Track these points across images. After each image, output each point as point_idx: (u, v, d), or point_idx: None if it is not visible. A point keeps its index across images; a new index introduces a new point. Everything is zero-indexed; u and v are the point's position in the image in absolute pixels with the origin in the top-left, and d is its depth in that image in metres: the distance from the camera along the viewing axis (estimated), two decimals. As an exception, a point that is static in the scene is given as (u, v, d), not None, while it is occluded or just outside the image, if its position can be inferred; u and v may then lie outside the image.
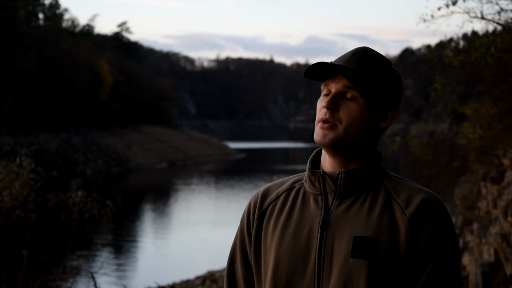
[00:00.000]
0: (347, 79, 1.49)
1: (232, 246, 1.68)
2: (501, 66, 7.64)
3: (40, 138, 41.81)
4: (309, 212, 1.55)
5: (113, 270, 13.79)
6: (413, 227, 1.47)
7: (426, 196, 1.51)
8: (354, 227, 1.49)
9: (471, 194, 12.01)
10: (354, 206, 1.52)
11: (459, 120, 13.14)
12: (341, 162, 1.55)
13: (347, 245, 1.48)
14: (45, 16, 56.96)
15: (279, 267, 1.54)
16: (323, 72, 1.53)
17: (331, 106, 1.51)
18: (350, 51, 1.54)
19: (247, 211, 1.65)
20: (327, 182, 1.55)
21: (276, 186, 1.65)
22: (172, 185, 34.60)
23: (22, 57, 43.18)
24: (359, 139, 1.53)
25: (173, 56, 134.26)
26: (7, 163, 6.04)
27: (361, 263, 1.46)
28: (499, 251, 7.26)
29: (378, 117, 1.54)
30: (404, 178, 1.58)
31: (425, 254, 1.47)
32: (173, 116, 67.23)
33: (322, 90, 1.56)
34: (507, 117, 8.49)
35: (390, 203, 1.51)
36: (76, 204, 6.32)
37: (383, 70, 1.54)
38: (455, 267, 1.49)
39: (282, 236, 1.56)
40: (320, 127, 1.53)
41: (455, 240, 1.50)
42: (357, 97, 1.52)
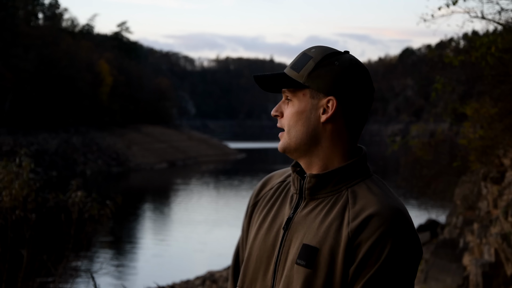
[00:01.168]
0: (276, 82, 1.50)
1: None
2: (501, 66, 7.63)
3: (39, 138, 41.81)
4: (283, 210, 1.54)
5: (112, 270, 13.78)
6: (352, 242, 1.40)
7: (377, 210, 1.40)
8: (307, 233, 1.46)
9: (472, 194, 12.00)
10: (315, 211, 1.48)
11: (459, 120, 13.13)
12: (305, 164, 1.52)
13: (296, 251, 1.46)
14: (45, 15, 56.96)
15: (249, 260, 1.55)
16: (265, 82, 1.53)
17: (275, 113, 1.53)
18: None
19: (249, 198, 1.67)
20: (301, 183, 1.53)
21: (277, 176, 1.65)
22: (172, 185, 34.59)
23: (21, 57, 43.17)
24: (303, 139, 1.48)
25: (173, 56, 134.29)
26: (7, 163, 6.02)
27: (301, 271, 1.43)
28: (499, 251, 7.25)
29: (317, 111, 1.47)
30: (379, 186, 1.48)
31: (358, 273, 1.39)
32: (173, 116, 67.26)
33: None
34: (507, 117, 8.48)
35: (343, 213, 1.44)
36: (75, 204, 6.31)
37: (315, 63, 1.47)
38: (396, 285, 1.38)
39: (258, 229, 1.56)
40: (279, 136, 1.54)
41: (401, 260, 1.39)
42: (290, 97, 1.50)
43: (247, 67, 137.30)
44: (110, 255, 15.78)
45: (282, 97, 1.56)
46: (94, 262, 14.23)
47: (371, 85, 1.51)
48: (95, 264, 13.85)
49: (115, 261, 15.00)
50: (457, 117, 13.20)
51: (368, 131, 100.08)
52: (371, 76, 1.51)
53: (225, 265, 13.75)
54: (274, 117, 1.53)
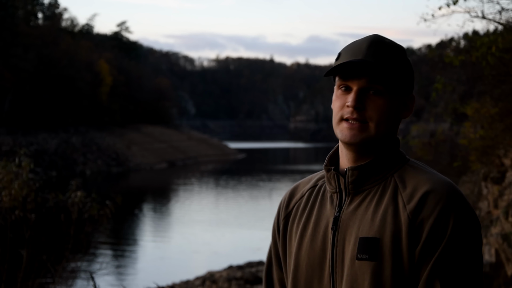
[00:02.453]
0: (372, 75, 1.45)
1: (269, 246, 1.66)
2: (502, 65, 7.62)
3: (39, 138, 41.79)
4: (326, 212, 1.51)
5: (112, 270, 13.76)
6: (414, 223, 1.38)
7: (430, 187, 1.40)
8: (361, 227, 1.43)
9: (472, 194, 11.99)
10: (364, 204, 1.46)
11: (460, 120, 13.13)
12: (356, 157, 1.48)
13: (354, 247, 1.43)
14: (44, 15, 56.94)
15: (298, 270, 1.51)
16: (343, 68, 1.47)
17: (358, 105, 1.45)
18: (364, 42, 1.49)
19: (277, 211, 1.63)
20: (340, 180, 1.50)
21: (303, 184, 1.62)
22: (172, 185, 34.58)
23: (21, 57, 43.16)
24: (387, 133, 1.48)
25: (173, 56, 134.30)
26: (6, 163, 6.02)
27: (365, 265, 1.40)
28: (500, 252, 7.24)
29: (401, 107, 1.50)
30: (422, 167, 1.49)
31: (426, 251, 1.37)
32: (172, 116, 67.25)
33: (338, 85, 1.49)
34: (508, 117, 8.48)
35: (395, 198, 1.43)
36: (75, 204, 6.30)
37: (400, 60, 1.49)
38: (465, 261, 1.37)
39: (301, 239, 1.52)
40: (348, 127, 1.45)
41: (466, 232, 1.38)
42: (382, 91, 1.46)
43: (247, 67, 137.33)
44: (110, 256, 15.77)
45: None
46: (93, 263, 14.21)
47: None
48: (95, 265, 13.83)
49: (115, 262, 14.99)
50: (458, 117, 13.20)
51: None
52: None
53: (225, 265, 13.73)
54: (355, 108, 1.44)
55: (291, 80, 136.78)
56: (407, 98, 1.51)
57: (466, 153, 12.62)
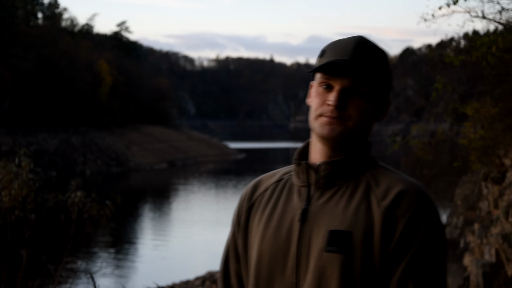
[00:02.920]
0: (356, 77, 1.47)
1: (227, 239, 1.66)
2: (502, 65, 7.62)
3: (39, 138, 41.78)
4: (292, 205, 1.52)
5: (112, 270, 13.75)
6: (388, 220, 1.41)
7: (405, 187, 1.44)
8: (331, 220, 1.45)
9: (472, 194, 11.98)
10: (334, 199, 1.48)
11: (460, 120, 13.12)
12: (333, 152, 1.51)
13: (323, 239, 1.44)
14: (44, 15, 56.94)
15: (261, 261, 1.51)
16: (328, 67, 1.48)
17: (341, 105, 1.47)
18: (350, 42, 1.49)
19: (239, 203, 1.64)
20: (310, 174, 1.51)
21: (267, 178, 1.63)
22: (172, 185, 34.58)
23: (21, 57, 43.15)
24: (363, 134, 1.51)
25: (173, 56, 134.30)
26: (6, 163, 6.01)
27: (334, 258, 1.42)
28: (500, 252, 7.24)
29: (378, 110, 1.53)
30: (392, 169, 1.53)
31: (399, 249, 1.40)
32: (172, 116, 67.25)
33: (320, 82, 1.50)
34: (508, 117, 8.48)
35: (368, 195, 1.45)
36: (75, 204, 6.30)
37: (383, 63, 1.51)
38: (436, 263, 1.42)
39: (265, 230, 1.53)
40: (327, 121, 1.48)
41: (437, 235, 1.42)
42: (364, 93, 1.48)
43: (247, 67, 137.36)
44: (110, 256, 15.76)
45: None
46: (93, 263, 14.21)
47: None
48: (95, 265, 13.83)
49: (115, 262, 14.98)
50: (458, 117, 13.19)
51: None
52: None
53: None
54: (337, 107, 1.46)
55: (291, 80, 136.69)
56: (384, 102, 1.54)
57: (466, 153, 12.62)
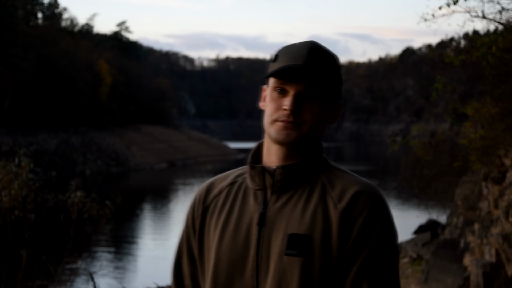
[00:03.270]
0: (310, 81, 1.48)
1: (179, 241, 1.66)
2: (502, 65, 7.63)
3: (39, 138, 41.78)
4: (249, 209, 1.53)
5: (112, 270, 13.75)
6: (344, 221, 1.45)
7: (360, 188, 1.48)
8: (289, 224, 1.47)
9: (472, 194, 11.97)
10: (291, 202, 1.49)
11: (460, 120, 13.13)
12: (288, 156, 1.52)
13: (282, 243, 1.46)
14: (44, 15, 56.94)
15: (219, 265, 1.52)
16: (283, 72, 1.49)
17: (297, 110, 1.48)
18: (303, 47, 1.51)
19: (191, 205, 1.64)
20: (266, 177, 1.52)
21: (220, 180, 1.63)
22: (172, 185, 34.57)
23: (20, 57, 43.15)
24: (316, 137, 1.54)
25: (173, 56, 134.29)
26: (6, 163, 6.01)
27: (294, 261, 1.44)
28: (500, 252, 7.24)
29: (330, 114, 1.56)
30: (345, 170, 1.56)
31: (355, 249, 1.44)
32: (172, 116, 67.24)
33: (274, 87, 1.52)
34: (508, 117, 8.48)
35: (324, 197, 1.49)
36: (75, 204, 6.29)
37: (334, 68, 1.54)
38: (389, 262, 1.46)
39: (223, 233, 1.53)
40: (283, 126, 1.49)
41: (390, 234, 1.47)
42: (318, 97, 1.50)
43: (247, 67, 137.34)
44: (110, 256, 15.76)
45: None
46: (93, 263, 14.20)
47: None
48: (95, 265, 13.83)
49: (115, 262, 14.98)
50: (458, 117, 13.19)
51: (369, 131, 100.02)
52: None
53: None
54: (292, 112, 1.48)
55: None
56: (336, 105, 1.56)
57: (466, 153, 12.62)
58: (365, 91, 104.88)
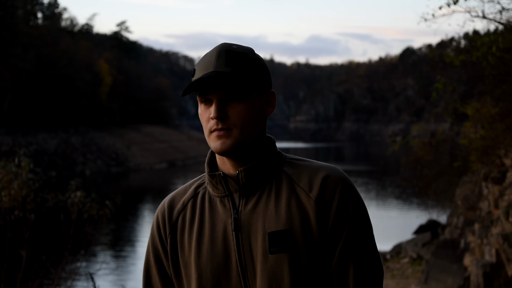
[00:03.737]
0: (226, 85, 1.48)
1: (146, 263, 1.63)
2: (502, 65, 7.62)
3: (38, 138, 41.78)
4: (219, 217, 1.53)
5: (112, 270, 13.75)
6: (320, 208, 1.47)
7: (326, 173, 1.51)
8: (266, 223, 1.48)
9: (473, 194, 11.97)
10: (261, 202, 1.51)
11: (460, 120, 13.13)
12: (241, 160, 1.53)
13: (263, 243, 1.47)
14: (44, 15, 56.95)
15: (202, 278, 1.52)
16: (200, 85, 1.50)
17: (221, 115, 1.49)
18: (213, 54, 1.52)
19: (156, 225, 1.61)
20: (229, 183, 1.53)
21: (180, 195, 1.62)
22: (172, 185, 34.57)
23: (20, 57, 43.15)
24: (255, 134, 1.53)
25: (173, 56, 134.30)
26: (6, 163, 6.00)
27: (281, 257, 1.46)
28: (500, 252, 7.23)
29: (262, 106, 1.55)
30: (303, 159, 1.58)
31: (335, 230, 1.47)
32: (172, 116, 67.28)
33: (200, 100, 1.53)
34: (508, 117, 8.47)
35: (294, 190, 1.50)
36: (75, 204, 6.30)
37: (250, 62, 1.53)
38: (368, 236, 1.50)
39: (199, 246, 1.53)
40: (216, 136, 1.51)
41: (363, 211, 1.51)
42: (241, 97, 1.50)
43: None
44: (110, 256, 15.76)
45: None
46: (93, 263, 14.20)
47: None
48: (95, 265, 13.82)
49: (115, 262, 14.97)
50: (458, 117, 13.19)
51: (369, 131, 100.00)
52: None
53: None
54: (218, 118, 1.49)
55: (291, 80, 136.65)
56: (267, 95, 1.56)
57: (466, 153, 12.61)
58: (365, 91, 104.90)
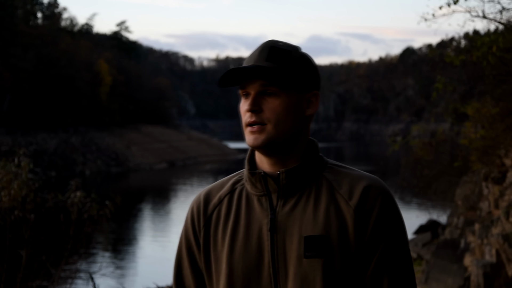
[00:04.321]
0: (261, 79, 1.48)
1: (178, 254, 1.64)
2: (502, 65, 7.61)
3: (38, 138, 41.76)
4: (256, 215, 1.53)
5: (112, 271, 13.74)
6: (359, 217, 1.47)
7: (368, 182, 1.50)
8: (303, 226, 1.48)
9: (473, 194, 11.97)
10: (300, 205, 1.50)
11: (460, 120, 13.12)
12: (278, 159, 1.52)
13: (299, 246, 1.47)
14: (44, 15, 56.93)
15: (233, 274, 1.51)
16: (238, 77, 1.50)
17: (254, 108, 1.49)
18: (258, 48, 1.53)
19: (190, 217, 1.61)
20: (269, 183, 1.52)
21: (217, 189, 1.61)
22: (172, 185, 34.56)
23: (20, 57, 43.14)
24: (290, 132, 1.51)
25: (173, 56, 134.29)
26: (6, 163, 6.00)
27: (315, 263, 1.46)
28: (500, 252, 7.22)
29: (302, 105, 1.53)
30: (345, 165, 1.58)
31: (373, 241, 1.47)
32: (172, 116, 67.23)
33: (241, 93, 1.54)
34: (509, 117, 8.47)
35: (334, 196, 1.50)
36: (75, 204, 6.29)
37: (294, 59, 1.52)
38: (404, 250, 1.50)
39: (233, 243, 1.53)
40: (250, 131, 1.50)
41: (401, 223, 1.51)
42: (277, 92, 1.50)
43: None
44: (110, 256, 15.75)
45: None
46: (93, 263, 14.19)
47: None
48: (95, 265, 13.82)
49: (115, 262, 14.97)
50: (458, 117, 13.19)
51: (369, 131, 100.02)
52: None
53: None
54: (251, 111, 1.49)
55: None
56: (310, 95, 1.54)
57: (466, 153, 12.61)
58: (365, 91, 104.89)
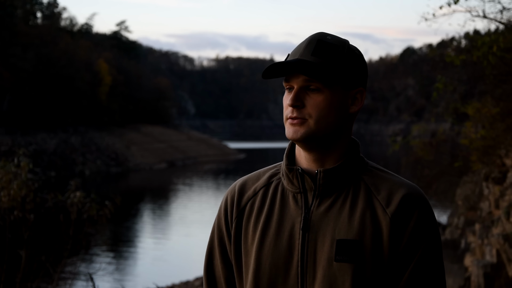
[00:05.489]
0: (305, 74, 1.44)
1: (210, 243, 1.61)
2: (503, 65, 7.60)
3: (38, 138, 41.76)
4: (289, 212, 1.50)
5: (111, 271, 13.73)
6: (395, 225, 1.43)
7: (407, 191, 1.46)
8: (337, 229, 1.44)
9: (473, 194, 11.97)
10: (335, 206, 1.47)
11: (461, 120, 13.11)
12: (318, 155, 1.49)
13: (330, 248, 1.43)
14: (43, 15, 56.94)
15: (260, 269, 1.49)
16: (282, 69, 1.47)
17: (296, 103, 1.46)
18: (305, 41, 1.49)
19: (224, 207, 1.58)
20: (306, 180, 1.49)
21: (253, 181, 1.58)
22: (171, 185, 34.55)
23: (20, 56, 43.12)
24: (332, 129, 1.48)
25: (173, 55, 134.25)
26: (5, 163, 5.99)
27: (345, 267, 1.42)
28: (501, 252, 7.21)
29: (347, 102, 1.49)
30: (385, 170, 1.53)
31: (407, 251, 1.43)
32: (172, 115, 67.26)
33: (285, 86, 1.51)
34: (509, 117, 8.45)
35: (371, 201, 1.46)
36: (74, 204, 6.28)
37: (341, 54, 1.48)
38: (438, 262, 1.46)
39: (263, 238, 1.50)
40: (290, 123, 1.48)
41: (437, 234, 1.47)
42: (321, 88, 1.46)
43: (247, 67, 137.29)
44: (109, 256, 15.73)
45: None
46: (93, 263, 14.18)
47: None
48: (94, 265, 13.80)
49: (114, 262, 14.95)
50: (459, 117, 13.18)
51: (369, 131, 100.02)
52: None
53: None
54: (293, 106, 1.47)
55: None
56: (355, 92, 1.50)
57: (467, 153, 12.60)
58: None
